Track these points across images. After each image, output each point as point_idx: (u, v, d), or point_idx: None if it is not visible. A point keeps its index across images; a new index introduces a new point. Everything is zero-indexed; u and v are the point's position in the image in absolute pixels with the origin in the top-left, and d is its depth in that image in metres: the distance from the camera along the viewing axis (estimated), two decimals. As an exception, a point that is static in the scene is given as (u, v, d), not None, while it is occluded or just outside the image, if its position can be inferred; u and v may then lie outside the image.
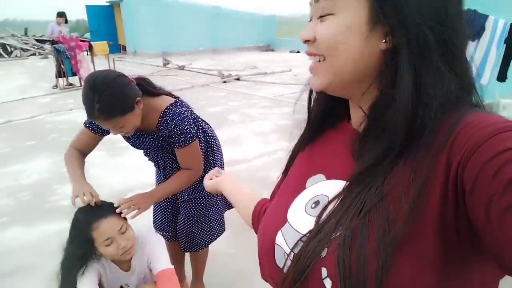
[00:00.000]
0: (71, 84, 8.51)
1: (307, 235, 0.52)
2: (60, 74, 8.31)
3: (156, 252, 1.56)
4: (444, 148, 0.44)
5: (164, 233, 1.89)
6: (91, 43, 8.89)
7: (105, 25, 15.67)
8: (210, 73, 10.13)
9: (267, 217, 0.65)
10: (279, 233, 0.58)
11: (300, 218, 0.57)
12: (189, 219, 1.80)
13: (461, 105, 0.49)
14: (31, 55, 15.55)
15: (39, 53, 15.63)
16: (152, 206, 1.72)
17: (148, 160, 1.80)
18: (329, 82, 0.54)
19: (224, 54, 15.84)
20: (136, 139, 1.63)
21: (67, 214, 3.03)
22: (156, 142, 1.60)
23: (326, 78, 0.54)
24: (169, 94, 1.63)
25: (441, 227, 0.43)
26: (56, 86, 8.38)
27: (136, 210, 1.48)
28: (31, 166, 4.10)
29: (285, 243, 0.56)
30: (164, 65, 11.72)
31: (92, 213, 1.41)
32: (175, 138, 1.51)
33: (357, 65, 0.51)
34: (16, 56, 15.29)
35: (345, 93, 0.56)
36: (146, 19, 14.81)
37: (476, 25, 4.04)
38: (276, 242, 0.58)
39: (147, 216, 1.77)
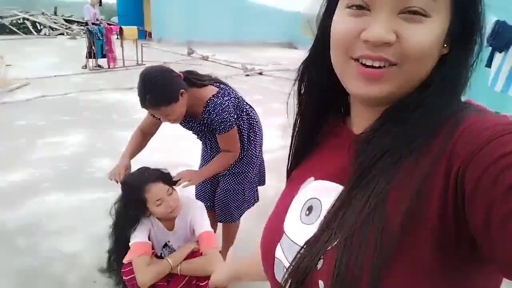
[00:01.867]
0: (99, 66, 8.81)
1: (305, 247, 0.50)
2: (90, 55, 8.63)
3: (199, 217, 1.78)
4: (444, 152, 0.43)
5: (203, 202, 2.12)
6: (122, 27, 9.16)
7: (133, 10, 15.99)
8: (233, 65, 10.34)
9: (266, 229, 0.63)
10: (278, 246, 0.57)
11: (296, 228, 0.56)
12: (227, 192, 2.02)
13: (458, 104, 0.49)
14: (59, 34, 15.98)
15: (67, 33, 16.05)
16: None
17: (197, 138, 2.03)
18: (396, 90, 0.48)
19: (248, 48, 16.01)
20: (186, 123, 1.90)
21: (103, 185, 3.30)
22: (203, 128, 1.86)
23: (395, 85, 0.48)
24: (217, 81, 1.85)
25: (440, 233, 0.42)
26: (85, 67, 8.70)
27: (187, 182, 1.73)
28: (68, 140, 4.37)
29: (284, 256, 0.55)
30: (189, 54, 11.96)
31: (141, 179, 1.66)
32: (216, 125, 1.74)
33: (427, 72, 0.49)
34: (45, 34, 15.74)
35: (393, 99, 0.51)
36: (173, 7, 15.06)
37: (505, 37, 4.14)
38: (276, 256, 0.57)
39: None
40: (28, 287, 2.14)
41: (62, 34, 16.04)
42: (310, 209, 0.56)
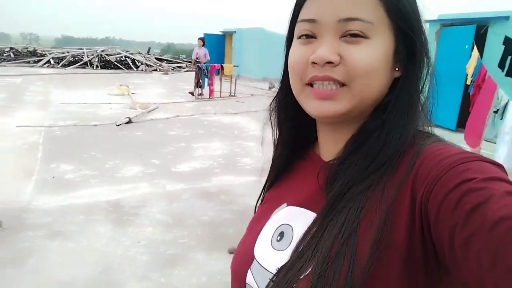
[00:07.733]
0: (201, 94, 10.64)
1: (277, 275, 0.52)
2: (197, 85, 10.52)
3: None
4: (407, 179, 0.46)
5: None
6: (223, 65, 11.00)
7: (216, 51, 18.28)
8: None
9: (237, 254, 0.64)
10: (249, 272, 0.58)
11: (267, 254, 0.57)
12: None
13: (419, 134, 0.52)
14: (153, 70, 18.60)
15: (159, 69, 18.63)
16: None
17: None
18: (351, 108, 0.52)
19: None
20: None
21: (255, 174, 4.65)
22: None
23: (348, 104, 0.51)
24: None
25: (410, 260, 0.44)
26: (192, 94, 10.57)
27: None
28: (212, 145, 5.85)
29: (255, 283, 0.56)
30: (270, 88, 13.61)
31: None
32: None
33: (379, 93, 0.52)
34: (142, 70, 18.41)
35: (352, 119, 0.54)
36: (251, 48, 17.09)
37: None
38: (246, 281, 0.58)
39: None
40: (241, 222, 3.42)
41: (155, 70, 18.66)
42: (281, 235, 0.57)
